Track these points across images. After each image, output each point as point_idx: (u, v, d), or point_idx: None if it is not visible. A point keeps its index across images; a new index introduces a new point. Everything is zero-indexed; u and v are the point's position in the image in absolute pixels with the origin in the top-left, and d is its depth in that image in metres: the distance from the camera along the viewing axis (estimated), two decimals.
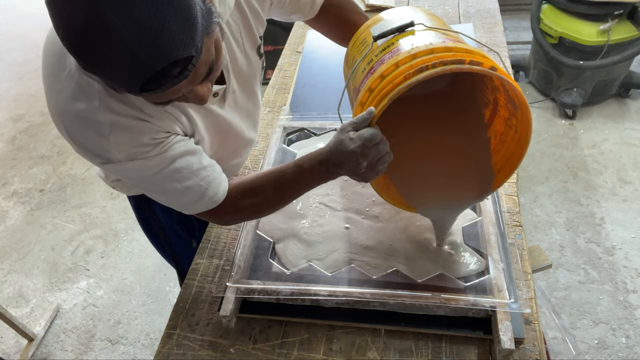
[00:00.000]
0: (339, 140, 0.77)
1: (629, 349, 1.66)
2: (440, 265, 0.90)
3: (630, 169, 2.30)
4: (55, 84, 0.72)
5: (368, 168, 0.76)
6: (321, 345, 0.86)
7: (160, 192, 0.82)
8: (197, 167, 0.81)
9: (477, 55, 0.73)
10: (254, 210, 0.90)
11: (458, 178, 0.91)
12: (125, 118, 0.71)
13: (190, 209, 0.85)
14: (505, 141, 0.86)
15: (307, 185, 0.86)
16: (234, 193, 0.86)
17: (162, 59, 0.57)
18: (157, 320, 1.96)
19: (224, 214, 0.87)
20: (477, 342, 0.83)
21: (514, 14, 3.37)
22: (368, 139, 0.73)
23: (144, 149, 0.74)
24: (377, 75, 0.75)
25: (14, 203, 2.60)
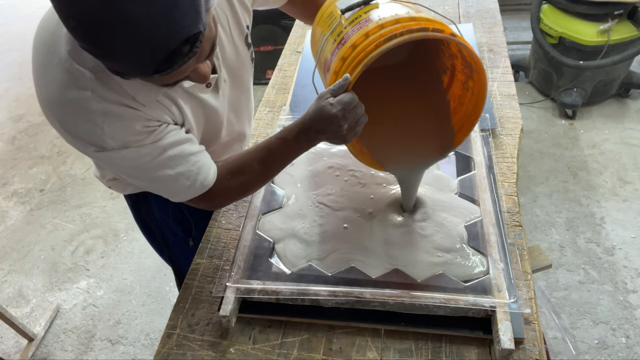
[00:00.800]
0: (319, 107, 0.81)
1: (629, 349, 1.66)
2: (446, 267, 0.90)
3: (630, 169, 2.30)
4: (45, 74, 0.72)
5: (348, 130, 0.81)
6: (321, 345, 0.86)
7: (153, 179, 0.83)
8: (188, 153, 0.82)
9: (438, 23, 0.79)
10: (243, 188, 0.93)
11: (422, 138, 0.99)
12: (117, 106, 0.72)
13: (182, 196, 0.87)
14: (463, 103, 0.93)
15: (292, 156, 0.90)
16: (222, 175, 0.88)
17: (176, 37, 0.59)
18: (157, 320, 1.96)
19: (215, 197, 0.89)
20: (477, 342, 0.83)
21: (514, 14, 3.37)
22: (347, 103, 0.78)
23: (138, 137, 0.76)
24: (349, 45, 0.80)
25: (14, 203, 2.60)
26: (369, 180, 1.09)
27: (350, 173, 1.11)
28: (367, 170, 1.11)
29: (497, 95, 1.33)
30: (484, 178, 1.04)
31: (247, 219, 1.02)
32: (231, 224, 1.09)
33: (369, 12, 0.84)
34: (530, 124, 2.61)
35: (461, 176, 1.07)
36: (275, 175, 0.93)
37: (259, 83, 3.08)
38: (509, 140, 1.18)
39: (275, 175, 0.94)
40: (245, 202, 1.13)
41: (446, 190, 1.05)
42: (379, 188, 1.07)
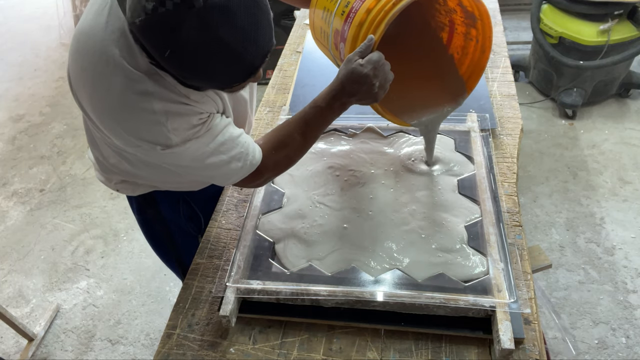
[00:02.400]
0: (350, 69, 0.84)
1: (629, 349, 1.66)
2: (446, 267, 0.90)
3: (630, 169, 2.30)
4: (102, 82, 0.75)
5: (379, 87, 0.85)
6: (321, 345, 0.86)
7: (209, 167, 0.86)
8: (236, 136, 0.86)
9: None
10: (288, 160, 0.96)
11: (435, 92, 1.08)
12: (176, 104, 0.76)
13: (235, 177, 0.89)
14: (468, 53, 1.01)
15: (327, 122, 0.93)
16: (267, 151, 0.92)
17: (261, 55, 0.67)
18: (157, 320, 1.96)
19: (264, 173, 0.92)
20: (477, 342, 0.83)
21: (514, 14, 3.37)
22: (377, 61, 0.83)
23: (195, 129, 0.79)
24: (364, 11, 0.86)
25: (14, 203, 2.60)
26: (369, 180, 1.09)
27: (350, 173, 1.11)
28: (367, 170, 1.11)
29: (497, 95, 1.33)
30: (484, 178, 1.04)
31: (247, 219, 1.02)
32: (231, 224, 1.09)
33: None
34: (530, 124, 2.61)
35: (461, 176, 1.07)
36: (314, 143, 0.97)
37: (259, 83, 3.07)
38: (509, 140, 1.18)
39: (314, 142, 0.97)
40: (245, 202, 1.13)
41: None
42: (379, 188, 1.07)
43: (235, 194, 1.16)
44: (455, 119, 1.20)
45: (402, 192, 1.05)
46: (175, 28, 0.61)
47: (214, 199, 1.18)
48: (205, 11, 0.59)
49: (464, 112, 1.21)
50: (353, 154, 1.15)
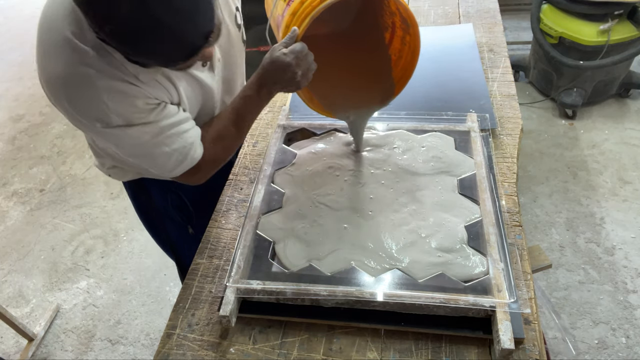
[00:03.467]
0: (273, 58, 0.88)
1: (629, 349, 1.66)
2: (446, 267, 0.90)
3: (630, 169, 2.30)
4: (50, 55, 0.76)
5: (302, 76, 0.89)
6: (321, 345, 0.86)
7: (149, 155, 0.88)
8: (183, 131, 0.88)
9: None
10: (226, 151, 0.99)
11: (366, 89, 1.12)
12: (120, 82, 0.77)
13: (174, 171, 0.92)
14: (402, 57, 1.05)
15: (258, 110, 0.97)
16: (204, 144, 0.94)
17: (201, 36, 0.68)
18: (157, 320, 1.96)
19: (202, 168, 0.95)
20: (477, 342, 0.83)
21: (514, 14, 3.37)
22: (299, 51, 0.87)
23: (140, 114, 0.80)
24: (299, 1, 0.88)
25: (14, 203, 2.60)
26: (369, 180, 1.09)
27: (350, 173, 1.11)
28: (367, 170, 1.11)
29: (497, 95, 1.33)
30: (484, 178, 1.04)
31: (247, 219, 1.02)
32: (231, 224, 1.09)
33: None
34: (530, 124, 2.61)
35: (461, 176, 1.07)
36: (247, 131, 1.01)
37: None
38: (509, 140, 1.18)
39: (248, 130, 1.00)
40: (245, 202, 1.13)
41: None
42: (379, 188, 1.07)
43: (235, 194, 1.16)
44: (455, 119, 1.20)
45: (402, 192, 1.05)
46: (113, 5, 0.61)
47: (206, 191, 1.19)
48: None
49: (464, 112, 1.21)
50: (353, 154, 1.15)
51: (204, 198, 1.20)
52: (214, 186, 1.19)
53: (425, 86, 1.38)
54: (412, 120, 1.22)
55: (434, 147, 1.14)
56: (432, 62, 1.48)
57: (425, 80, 1.41)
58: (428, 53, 1.53)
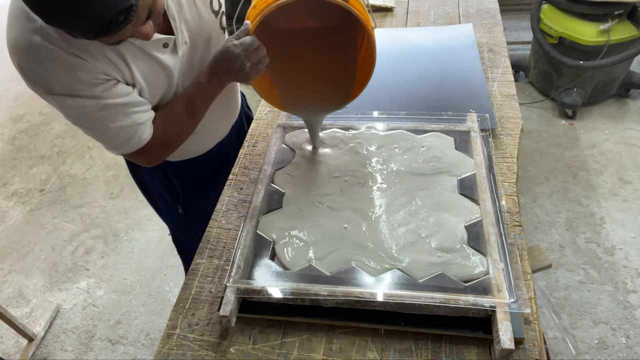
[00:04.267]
0: (224, 49, 0.92)
1: (629, 349, 1.66)
2: (446, 267, 0.90)
3: (630, 169, 2.30)
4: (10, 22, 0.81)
5: (251, 68, 0.92)
6: (321, 345, 0.86)
7: (94, 128, 0.91)
8: (132, 112, 0.90)
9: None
10: (177, 136, 1.01)
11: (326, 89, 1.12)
12: (65, 54, 0.79)
13: (121, 149, 0.94)
14: (365, 63, 1.05)
15: (210, 97, 1.00)
16: (155, 128, 0.96)
17: (110, 11, 0.68)
18: (157, 320, 1.96)
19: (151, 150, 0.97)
20: (477, 342, 0.83)
21: (514, 14, 3.37)
22: (249, 44, 0.90)
23: (83, 86, 0.83)
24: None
25: (14, 203, 2.61)
26: (369, 180, 1.09)
27: (350, 173, 1.11)
28: (366, 169, 1.11)
29: (497, 95, 1.33)
30: (484, 178, 1.04)
31: (247, 219, 1.02)
32: (231, 224, 1.09)
33: None
34: (530, 124, 2.62)
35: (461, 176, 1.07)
36: (201, 118, 1.02)
37: None
38: (509, 140, 1.18)
39: (201, 117, 1.02)
40: (245, 202, 1.13)
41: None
42: (379, 188, 1.07)
43: (235, 194, 1.16)
44: (455, 119, 1.20)
45: (402, 192, 1.05)
46: None
47: (196, 173, 1.22)
48: None
49: (464, 112, 1.21)
50: (353, 154, 1.15)
51: (193, 180, 1.23)
52: (204, 168, 1.23)
53: (425, 86, 1.38)
54: (412, 120, 1.22)
55: (434, 147, 1.14)
56: (432, 62, 1.48)
57: (425, 80, 1.41)
58: (428, 53, 1.53)
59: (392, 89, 1.39)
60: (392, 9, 1.82)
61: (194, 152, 1.21)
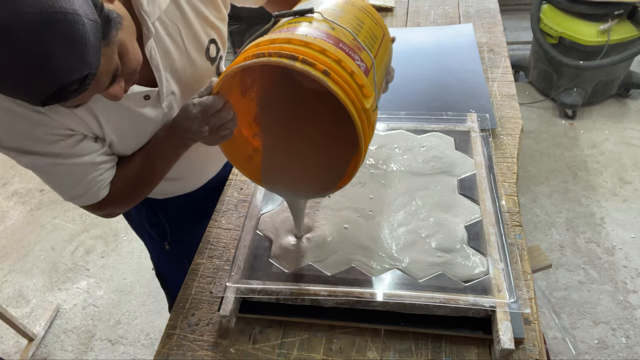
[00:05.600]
0: (184, 106, 0.81)
1: (629, 349, 1.66)
2: (446, 267, 0.90)
3: (630, 169, 2.30)
4: None
5: (210, 132, 0.79)
6: (321, 345, 0.86)
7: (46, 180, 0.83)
8: (90, 171, 0.82)
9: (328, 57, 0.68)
10: (136, 193, 0.93)
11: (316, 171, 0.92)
12: (21, 107, 0.70)
13: (76, 201, 0.87)
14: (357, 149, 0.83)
15: (170, 155, 0.89)
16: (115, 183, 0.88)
17: (54, 84, 0.57)
18: (157, 320, 1.96)
19: (110, 204, 0.89)
20: (477, 342, 0.83)
21: (514, 14, 3.37)
22: (208, 105, 0.76)
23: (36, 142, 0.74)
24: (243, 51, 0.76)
25: (14, 203, 2.61)
26: (369, 180, 1.09)
27: None
28: (366, 169, 1.11)
29: (497, 95, 1.33)
30: (484, 178, 1.04)
31: (247, 219, 1.02)
32: (231, 224, 1.09)
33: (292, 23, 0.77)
34: (530, 124, 2.62)
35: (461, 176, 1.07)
36: (163, 175, 0.92)
37: None
38: (509, 140, 1.18)
39: (163, 175, 0.92)
40: (245, 202, 1.13)
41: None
42: (379, 188, 1.07)
43: (235, 193, 1.16)
44: (455, 119, 1.20)
45: (402, 192, 1.05)
46: None
47: (184, 208, 1.14)
48: None
49: (464, 112, 1.21)
50: None
51: (182, 215, 1.16)
52: (194, 203, 1.15)
53: (425, 86, 1.38)
54: (412, 120, 1.22)
55: (434, 147, 1.14)
56: (432, 62, 1.48)
57: (425, 80, 1.41)
58: (428, 53, 1.53)
59: (392, 88, 1.38)
60: (392, 9, 1.82)
61: (183, 190, 1.14)
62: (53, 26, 0.54)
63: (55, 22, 0.54)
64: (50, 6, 0.53)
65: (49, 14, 0.53)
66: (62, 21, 0.54)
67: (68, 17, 0.54)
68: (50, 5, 0.53)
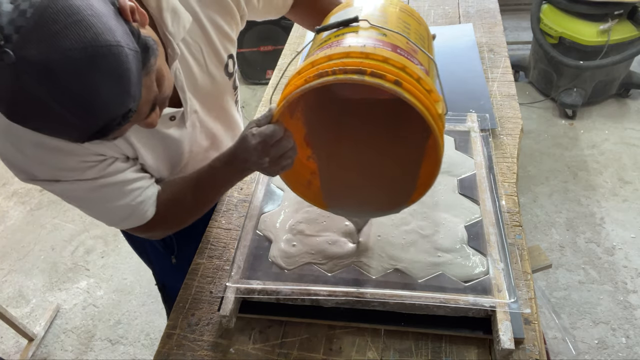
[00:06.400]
0: (242, 136, 0.77)
1: (629, 349, 1.66)
2: (446, 267, 0.90)
3: (630, 169, 2.30)
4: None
5: (271, 164, 0.76)
6: (321, 345, 0.86)
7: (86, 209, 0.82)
8: (130, 189, 0.80)
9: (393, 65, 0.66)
10: (178, 220, 0.91)
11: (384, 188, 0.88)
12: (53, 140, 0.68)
13: (120, 225, 0.86)
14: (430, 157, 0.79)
15: (224, 185, 0.86)
16: (158, 205, 0.86)
17: (100, 121, 0.55)
18: (157, 320, 1.96)
19: (153, 229, 0.88)
20: (477, 342, 0.83)
21: (514, 14, 3.37)
22: (268, 136, 0.73)
23: (71, 172, 0.72)
24: (297, 72, 0.71)
25: (14, 203, 2.61)
26: None
27: None
28: None
29: (497, 95, 1.33)
30: (484, 178, 1.04)
31: (247, 219, 1.02)
32: (231, 224, 1.09)
33: (339, 35, 0.74)
34: (530, 124, 2.62)
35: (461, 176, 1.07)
36: (212, 204, 0.89)
37: (259, 83, 3.08)
38: (509, 140, 1.18)
39: (212, 203, 0.89)
40: (245, 202, 1.13)
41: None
42: None
43: (235, 193, 1.16)
44: (455, 119, 1.20)
45: None
46: None
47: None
48: (19, 66, 0.49)
49: (464, 112, 1.21)
50: None
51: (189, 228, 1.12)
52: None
53: None
54: None
55: None
56: None
57: None
58: None
59: None
60: None
61: None
62: (98, 61, 0.51)
63: (101, 56, 0.51)
64: (94, 40, 0.51)
65: (94, 48, 0.51)
66: (107, 55, 0.52)
67: (112, 50, 0.52)
68: (94, 39, 0.51)
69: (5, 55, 0.48)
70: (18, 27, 0.48)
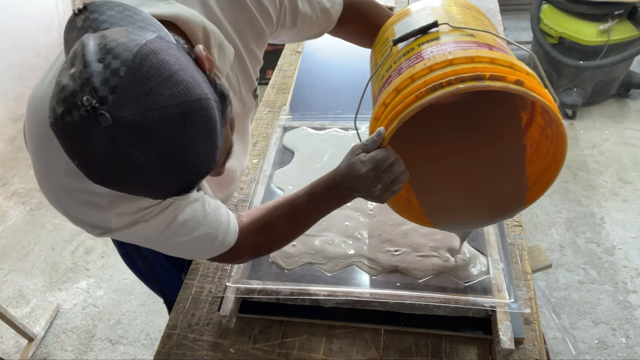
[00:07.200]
0: (350, 163, 0.73)
1: (629, 349, 1.66)
2: (446, 267, 0.90)
3: (630, 169, 2.30)
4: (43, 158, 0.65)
5: (383, 190, 0.72)
6: (321, 345, 0.86)
7: (167, 247, 0.77)
8: (202, 216, 0.76)
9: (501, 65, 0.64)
10: (271, 245, 0.87)
11: (489, 192, 0.84)
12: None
13: (203, 256, 0.82)
14: (541, 152, 0.77)
15: (322, 212, 0.82)
16: (247, 231, 0.82)
17: (190, 178, 0.53)
18: (157, 320, 1.96)
19: (240, 254, 0.84)
20: (477, 342, 0.83)
21: (514, 14, 3.37)
22: (380, 161, 0.69)
23: (145, 212, 0.69)
24: (392, 89, 0.68)
25: (14, 203, 2.60)
26: None
27: None
28: None
29: None
30: None
31: None
32: None
33: (423, 44, 0.71)
34: None
35: None
36: (305, 231, 0.85)
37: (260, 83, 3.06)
38: None
39: (305, 230, 0.85)
40: (245, 203, 1.13)
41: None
42: None
43: (235, 193, 1.16)
44: None
45: None
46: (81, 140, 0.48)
47: None
48: (115, 128, 0.46)
49: None
50: None
51: None
52: None
53: None
54: None
55: None
56: None
57: None
58: None
59: None
60: (392, 9, 1.82)
61: None
62: (191, 116, 0.49)
63: (194, 111, 0.49)
64: (186, 95, 0.49)
65: (187, 103, 0.49)
66: (199, 109, 0.50)
67: (203, 104, 0.50)
68: (187, 94, 0.49)
69: (102, 118, 0.45)
70: (113, 87, 0.46)
